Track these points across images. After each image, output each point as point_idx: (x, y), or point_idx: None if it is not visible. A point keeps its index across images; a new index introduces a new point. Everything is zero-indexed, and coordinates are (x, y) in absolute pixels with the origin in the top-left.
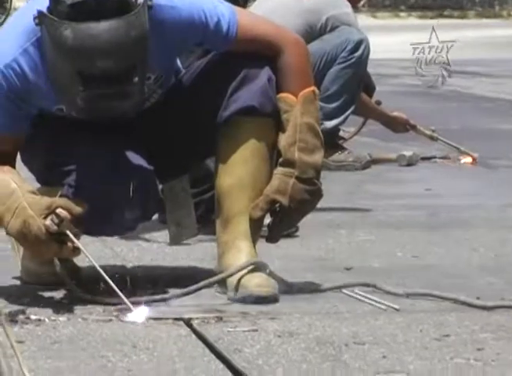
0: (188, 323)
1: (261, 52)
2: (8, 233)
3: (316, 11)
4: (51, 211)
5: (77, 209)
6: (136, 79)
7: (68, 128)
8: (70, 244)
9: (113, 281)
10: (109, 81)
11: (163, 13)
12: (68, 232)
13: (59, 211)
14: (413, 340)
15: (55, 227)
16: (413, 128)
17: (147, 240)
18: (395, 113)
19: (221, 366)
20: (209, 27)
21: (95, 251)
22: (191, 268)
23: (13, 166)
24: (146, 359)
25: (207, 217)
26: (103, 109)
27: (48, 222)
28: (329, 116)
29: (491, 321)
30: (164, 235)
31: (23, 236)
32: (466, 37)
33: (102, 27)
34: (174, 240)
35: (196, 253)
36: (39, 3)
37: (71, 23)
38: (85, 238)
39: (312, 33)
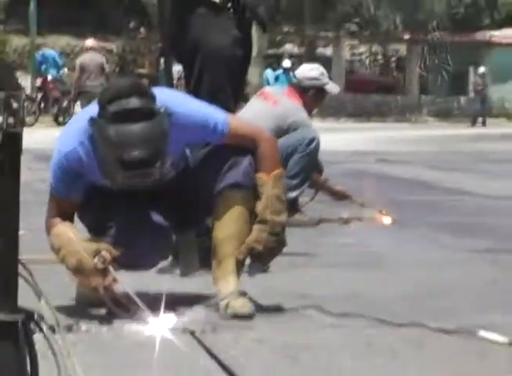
0: (191, 332)
1: (244, 145)
2: (67, 269)
3: (283, 116)
4: (97, 252)
5: (116, 252)
6: (158, 164)
7: (110, 196)
8: (110, 276)
9: (139, 302)
10: (140, 165)
11: (179, 119)
12: (110, 268)
13: (103, 253)
14: (349, 347)
15: (102, 265)
16: (349, 198)
17: (163, 273)
18: (338, 187)
19: (214, 363)
20: (209, 128)
21: (127, 281)
22: (195, 293)
23: (72, 221)
24: (163, 357)
25: (206, 258)
26: (135, 183)
27: (96, 260)
28: (292, 189)
29: (402, 334)
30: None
31: (78, 272)
32: (387, 135)
33: (135, 128)
34: (184, 274)
35: (199, 282)
36: (92, 109)
37: (114, 125)
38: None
39: (280, 131)
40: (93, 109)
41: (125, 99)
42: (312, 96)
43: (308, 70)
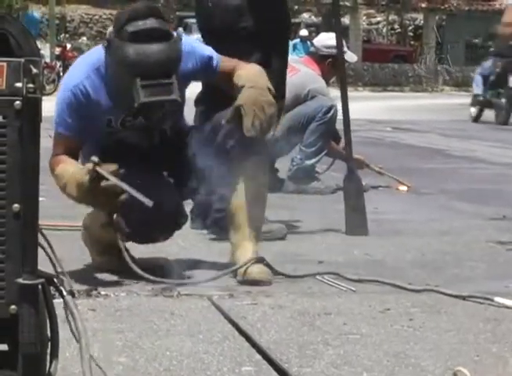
0: (209, 298)
1: (229, 72)
2: (73, 199)
3: (301, 84)
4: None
5: (113, 166)
6: (174, 77)
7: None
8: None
9: (160, 269)
10: (160, 75)
11: (186, 46)
12: (102, 170)
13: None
14: (365, 312)
15: (91, 166)
16: (367, 166)
17: (182, 242)
18: (355, 156)
19: (232, 328)
20: (207, 59)
21: (144, 248)
22: (212, 261)
23: (76, 160)
24: (180, 322)
25: (219, 221)
26: (155, 104)
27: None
28: (309, 157)
29: (418, 300)
30: (193, 239)
31: (81, 193)
32: (403, 105)
33: (154, 47)
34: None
35: (215, 249)
36: (95, 50)
37: (132, 44)
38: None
39: (298, 99)
40: (96, 50)
41: (142, 20)
42: (330, 65)
43: (327, 39)
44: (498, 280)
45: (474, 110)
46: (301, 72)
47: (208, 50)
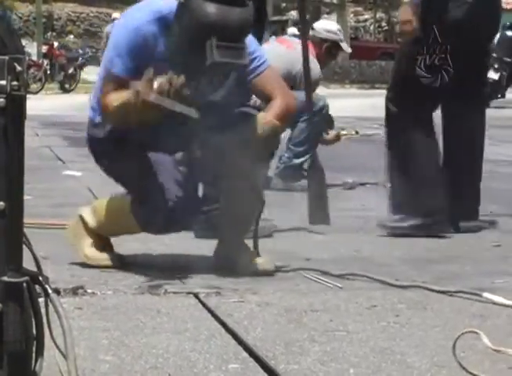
0: (196, 295)
1: (264, 91)
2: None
3: (294, 62)
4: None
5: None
6: (244, 44)
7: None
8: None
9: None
10: (233, 39)
11: None
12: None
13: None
14: (352, 309)
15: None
16: (344, 135)
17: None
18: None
19: (218, 326)
20: (257, 57)
21: (132, 247)
22: (200, 256)
23: None
24: (167, 320)
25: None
26: (226, 65)
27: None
28: (297, 156)
29: (405, 296)
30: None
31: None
32: None
33: (234, 11)
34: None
35: (204, 246)
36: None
37: (213, 4)
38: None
39: (289, 76)
40: None
41: None
42: (327, 49)
43: (327, 24)
44: (485, 277)
45: None
46: (296, 50)
47: (261, 50)
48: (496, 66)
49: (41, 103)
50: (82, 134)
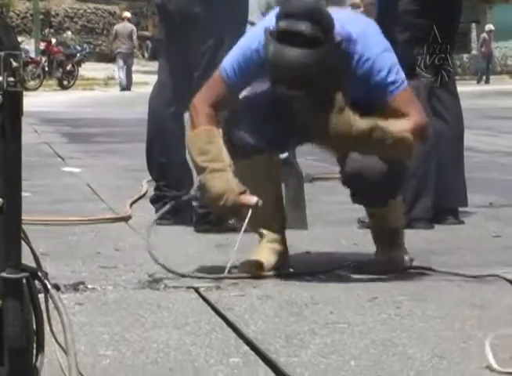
0: (196, 290)
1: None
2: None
3: None
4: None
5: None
6: (303, 93)
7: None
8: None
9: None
10: (290, 85)
11: (363, 55)
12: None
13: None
14: (352, 301)
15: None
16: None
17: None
18: None
19: (219, 319)
20: (386, 79)
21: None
22: (200, 251)
23: (216, 123)
24: (167, 315)
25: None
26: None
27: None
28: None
29: (405, 288)
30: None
31: (216, 197)
32: None
33: (292, 52)
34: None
35: (204, 240)
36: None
37: (276, 43)
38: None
39: None
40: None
41: (295, 20)
42: None
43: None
44: (485, 267)
45: None
46: None
47: (392, 73)
48: None
49: (40, 100)
50: (81, 130)
